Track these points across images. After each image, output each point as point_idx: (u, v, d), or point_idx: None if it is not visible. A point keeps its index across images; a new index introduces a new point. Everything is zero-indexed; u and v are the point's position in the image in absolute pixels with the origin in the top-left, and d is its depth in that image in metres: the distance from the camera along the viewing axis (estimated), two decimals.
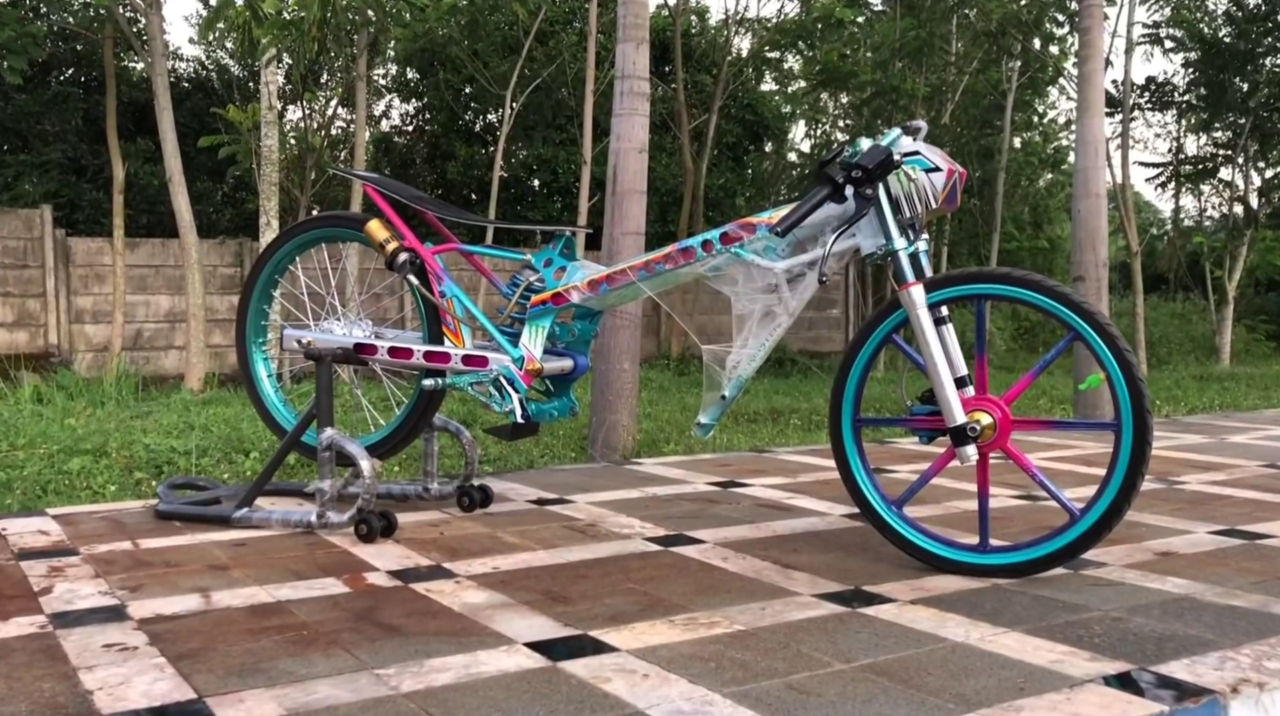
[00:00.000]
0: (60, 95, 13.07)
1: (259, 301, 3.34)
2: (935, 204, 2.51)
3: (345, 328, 3.13)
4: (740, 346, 2.70)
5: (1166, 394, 9.16)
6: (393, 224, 3.05)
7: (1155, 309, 16.43)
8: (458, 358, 2.93)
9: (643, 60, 5.78)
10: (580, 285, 2.86)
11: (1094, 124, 6.93)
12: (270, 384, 3.35)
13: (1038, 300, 2.47)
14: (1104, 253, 6.97)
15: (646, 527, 3.01)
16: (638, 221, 5.81)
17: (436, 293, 3.00)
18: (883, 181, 2.50)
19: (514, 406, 2.83)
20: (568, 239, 2.99)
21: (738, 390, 2.72)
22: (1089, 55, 6.86)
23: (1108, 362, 2.41)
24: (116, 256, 11.68)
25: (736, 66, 14.15)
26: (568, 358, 2.98)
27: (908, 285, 2.52)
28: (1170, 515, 3.24)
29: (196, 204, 12.46)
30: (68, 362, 11.94)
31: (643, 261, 2.82)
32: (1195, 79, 12.41)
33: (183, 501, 3.18)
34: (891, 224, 2.52)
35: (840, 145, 2.59)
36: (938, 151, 2.56)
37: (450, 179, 15.68)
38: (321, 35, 9.36)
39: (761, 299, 2.68)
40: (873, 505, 2.65)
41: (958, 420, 2.47)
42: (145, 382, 11.27)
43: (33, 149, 13.00)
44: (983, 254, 14.63)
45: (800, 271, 2.64)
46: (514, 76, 12.08)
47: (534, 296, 2.92)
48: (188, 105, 13.89)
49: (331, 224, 3.21)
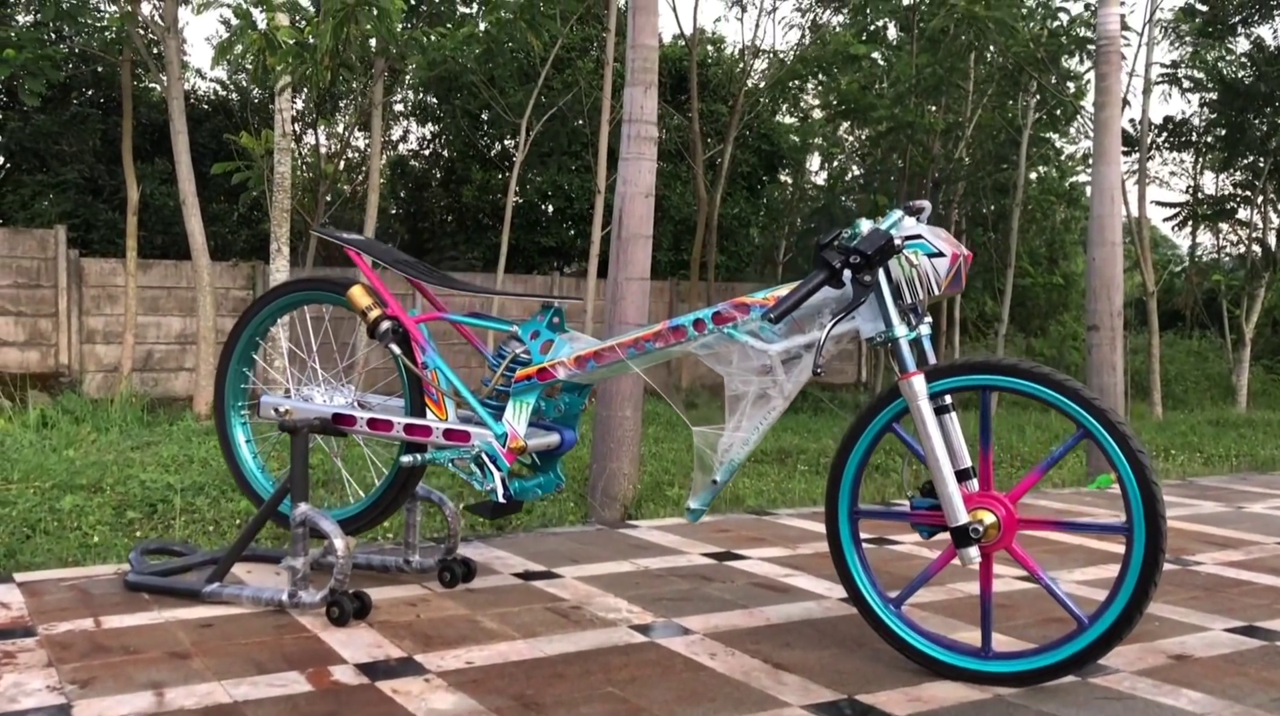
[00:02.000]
0: (79, 116, 13.11)
1: (238, 363, 3.24)
2: (938, 290, 2.39)
3: (326, 394, 3.02)
4: (733, 429, 2.58)
5: (1182, 440, 8.97)
6: (376, 290, 2.95)
7: (1171, 346, 16.22)
8: (439, 431, 2.82)
9: (651, 105, 5.70)
10: (567, 361, 2.76)
11: (1110, 171, 6.80)
12: (249, 450, 3.25)
13: (1046, 395, 2.35)
14: (1119, 301, 6.82)
15: (634, 612, 2.89)
16: (643, 266, 5.71)
17: (419, 363, 2.89)
18: (883, 266, 2.39)
19: (495, 485, 2.72)
20: (556, 310, 2.88)
21: (729, 475, 2.60)
22: (1106, 102, 6.73)
23: (1119, 463, 2.28)
24: (129, 277, 11.67)
25: (753, 98, 14.09)
26: (554, 432, 2.87)
27: (909, 375, 2.40)
28: (1185, 605, 3.09)
29: (211, 225, 12.46)
30: (77, 383, 11.92)
31: (632, 339, 2.71)
32: (1214, 120, 12.26)
33: (154, 569, 3.08)
34: (892, 310, 2.41)
35: (838, 229, 2.47)
36: (941, 234, 2.45)
37: (465, 203, 15.65)
38: (335, 64, 9.33)
39: (756, 381, 2.56)
40: (870, 603, 2.52)
41: (960, 520, 2.34)
42: (153, 405, 11.23)
43: (50, 169, 13.04)
44: (997, 287, 14.48)
45: (797, 353, 2.52)
46: (530, 104, 12.04)
47: (519, 370, 2.81)
48: (207, 126, 13.92)
49: (314, 287, 3.11)
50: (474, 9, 13.42)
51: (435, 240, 16.06)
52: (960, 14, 9.62)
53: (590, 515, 5.36)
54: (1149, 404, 11.86)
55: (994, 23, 9.73)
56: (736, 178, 15.66)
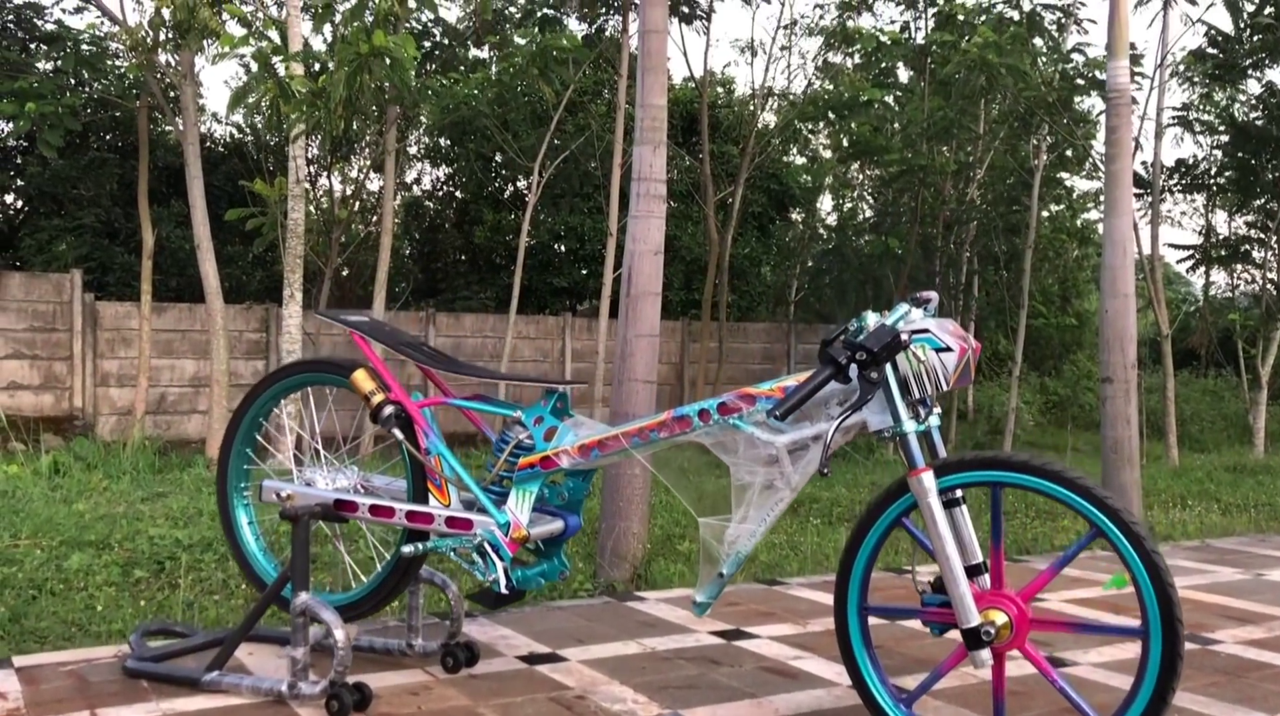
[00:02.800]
0: (96, 161, 13.25)
1: (241, 444, 3.23)
2: (946, 386, 2.36)
3: (329, 476, 3.00)
4: (739, 520, 2.54)
5: (1199, 488, 8.87)
6: (380, 374, 2.94)
7: (1187, 385, 16.10)
8: (441, 519, 2.80)
9: (660, 164, 5.71)
10: (571, 450, 2.73)
11: (1122, 223, 6.77)
12: (251, 531, 3.23)
13: (1059, 493, 2.30)
14: (1133, 353, 6.77)
15: (640, 702, 2.84)
16: (652, 323, 5.70)
17: (423, 449, 2.87)
18: (890, 361, 2.36)
19: (498, 575, 2.69)
20: (560, 395, 2.86)
21: (736, 567, 2.56)
22: (1117, 154, 6.71)
23: (1133, 565, 2.23)
24: (143, 321, 11.74)
25: (764, 140, 14.13)
26: (558, 519, 2.84)
27: (918, 471, 2.37)
28: (1205, 693, 3.02)
29: (226, 266, 12.53)
30: (91, 426, 11.96)
31: (636, 428, 2.69)
32: (1226, 163, 12.23)
33: (154, 654, 3.05)
34: (900, 405, 2.38)
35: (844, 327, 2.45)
36: (949, 327, 2.42)
37: (478, 244, 15.72)
38: (349, 113, 9.40)
39: (762, 471, 2.53)
40: (880, 704, 2.47)
41: (971, 621, 2.30)
42: (166, 448, 11.26)
43: (68, 213, 13.17)
44: (1010, 327, 14.42)
45: (804, 444, 2.49)
46: (543, 148, 12.12)
47: (523, 458, 2.79)
48: (222, 169, 14.04)
49: (318, 369, 3.10)
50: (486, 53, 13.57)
51: (448, 280, 16.12)
52: (973, 60, 9.63)
53: (599, 574, 5.31)
54: (1165, 446, 11.74)
55: (1006, 68, 9.74)
56: (747, 217, 15.69)
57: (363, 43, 8.77)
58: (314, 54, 10.79)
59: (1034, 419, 14.69)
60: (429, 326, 13.60)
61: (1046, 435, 14.94)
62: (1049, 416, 15.63)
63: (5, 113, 10.91)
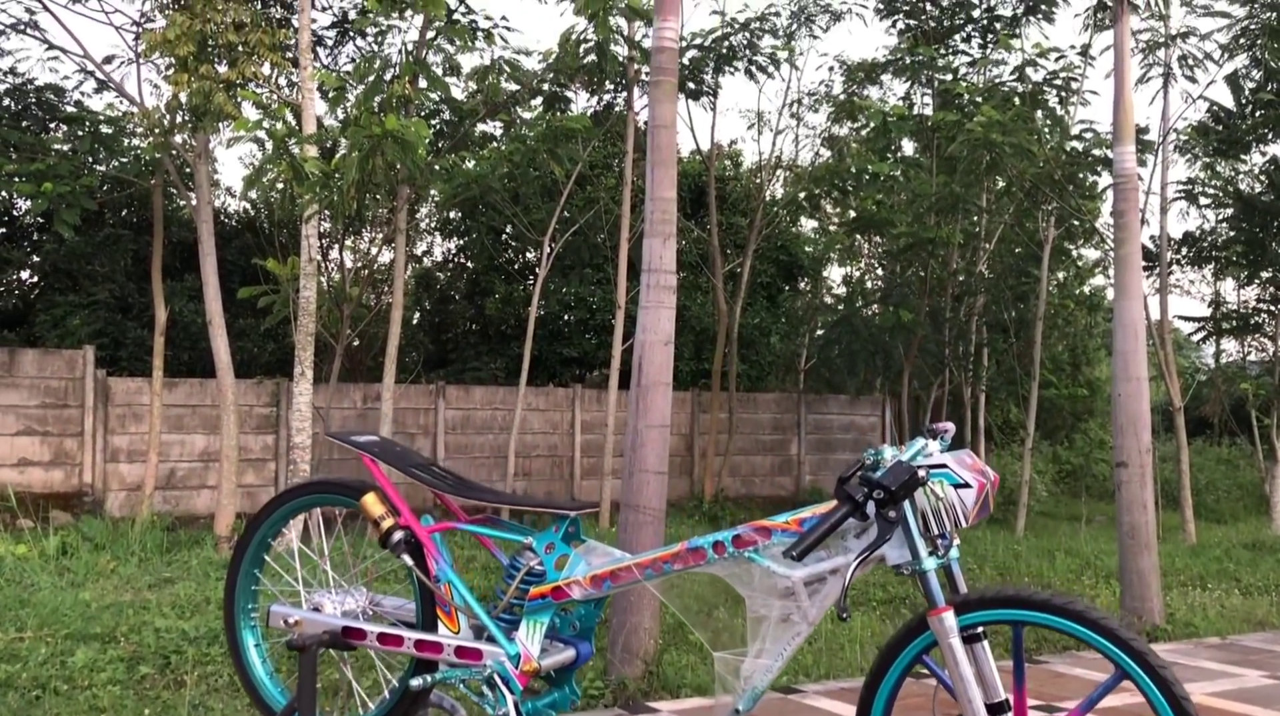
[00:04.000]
0: (112, 237, 13.41)
1: (249, 566, 3.20)
2: (965, 522, 2.34)
3: (338, 598, 2.97)
4: (755, 654, 2.50)
5: (1218, 567, 8.76)
6: (390, 497, 2.92)
7: (1201, 454, 15.99)
8: (451, 648, 2.76)
9: (669, 255, 5.74)
10: (583, 580, 2.70)
11: (1133, 306, 6.77)
12: (258, 654, 3.19)
13: (1082, 634, 2.26)
14: (1147, 438, 6.73)
15: None
16: (662, 413, 5.69)
17: (432, 576, 2.84)
18: (908, 498, 2.34)
19: (509, 710, 2.64)
20: (572, 520, 2.84)
21: (753, 703, 2.52)
22: (1125, 238, 6.74)
23: (1160, 709, 2.18)
24: (154, 397, 11.78)
25: (771, 212, 14.26)
26: (570, 647, 2.80)
27: (939, 611, 2.33)
28: None
29: (239, 340, 12.60)
30: (100, 502, 11.94)
31: (649, 560, 2.66)
32: (1232, 236, 12.28)
33: None
34: (919, 542, 2.35)
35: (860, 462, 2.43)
36: (966, 460, 2.40)
37: (488, 314, 15.81)
38: (361, 194, 9.53)
39: (778, 604, 2.49)
40: None
41: None
42: (175, 524, 11.23)
43: (82, 289, 13.30)
44: (1021, 395, 14.39)
45: (821, 577, 2.46)
46: (553, 221, 12.23)
47: (533, 588, 2.76)
48: (235, 244, 14.19)
49: (327, 490, 3.09)
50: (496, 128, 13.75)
51: (459, 351, 16.17)
52: (977, 139, 9.72)
53: (609, 671, 5.24)
54: (1181, 519, 11.63)
55: (1010, 147, 9.83)
56: (756, 287, 15.77)
57: (375, 126, 8.91)
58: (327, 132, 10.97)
59: (1047, 489, 14.58)
60: (439, 399, 13.61)
61: (1060, 505, 14.82)
62: (1062, 486, 15.52)
63: (23, 192, 11.08)
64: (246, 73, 9.97)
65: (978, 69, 12.45)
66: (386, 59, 10.01)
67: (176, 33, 9.59)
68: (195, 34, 9.54)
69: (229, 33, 9.73)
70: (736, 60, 13.30)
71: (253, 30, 9.92)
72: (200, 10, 9.58)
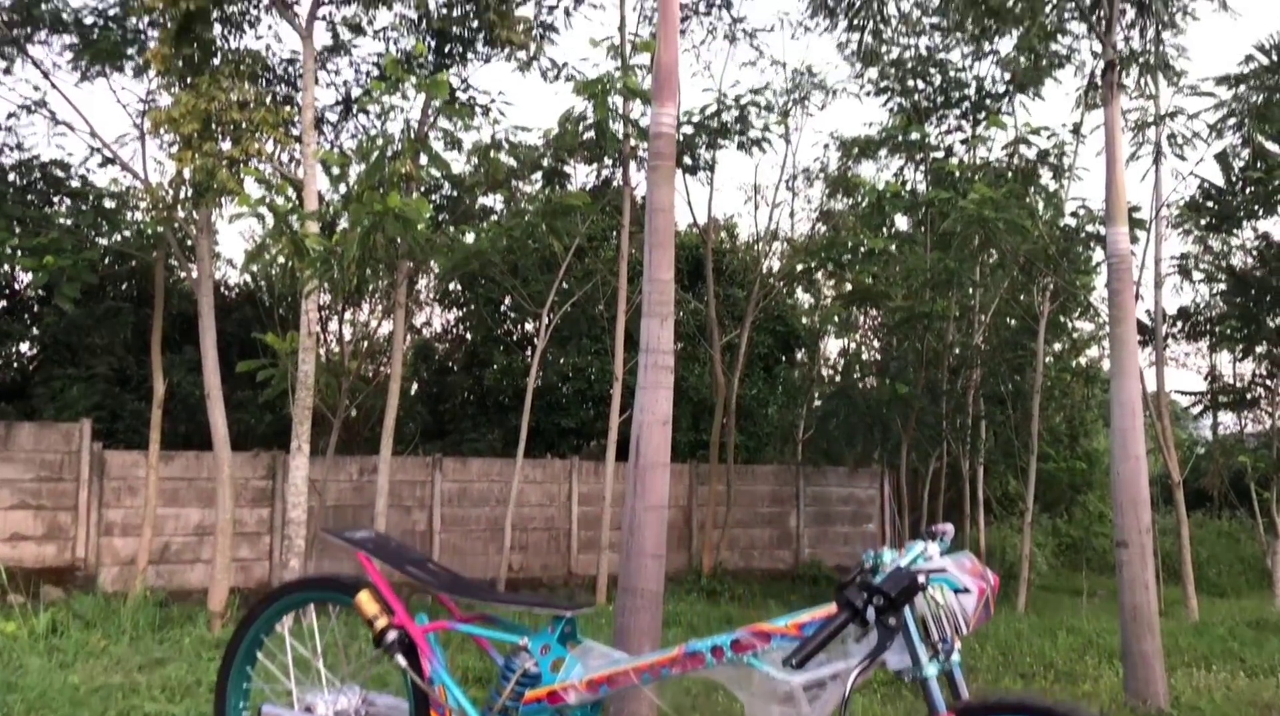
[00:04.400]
0: (112, 310, 13.48)
1: (241, 663, 3.17)
2: (966, 629, 2.33)
3: (330, 698, 2.93)
4: None
5: (1222, 646, 8.66)
6: (384, 596, 2.90)
7: (1201, 527, 15.91)
8: None
9: (667, 336, 5.78)
10: (579, 685, 2.68)
11: (1129, 385, 6.80)
12: None
13: None
14: (1147, 517, 6.71)
15: None
16: (660, 495, 5.68)
17: (426, 677, 2.82)
18: (908, 604, 2.33)
19: None
20: (569, 620, 2.82)
21: None
22: (1120, 317, 6.79)
23: None
24: (150, 470, 11.74)
25: (768, 285, 14.37)
26: None
27: None
28: None
29: (236, 411, 12.58)
30: (93, 577, 11.82)
31: (647, 664, 2.64)
32: (1226, 312, 12.39)
33: None
34: (920, 649, 2.34)
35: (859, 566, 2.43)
36: (967, 563, 2.40)
37: (487, 386, 15.83)
38: (361, 271, 9.60)
39: (778, 709, 2.47)
40: None
41: None
42: (168, 600, 11.10)
43: (81, 361, 13.33)
44: (1020, 467, 14.35)
45: (820, 682, 2.44)
46: (551, 293, 12.32)
47: (528, 691, 2.73)
48: (235, 316, 14.25)
49: (321, 588, 3.07)
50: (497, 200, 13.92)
51: (456, 422, 16.16)
52: (970, 216, 9.85)
53: None
54: (1183, 595, 11.53)
55: (1004, 223, 9.95)
56: (753, 358, 15.82)
57: (377, 203, 9.01)
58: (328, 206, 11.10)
59: (1048, 562, 14.48)
60: (436, 471, 13.57)
61: (1061, 579, 14.71)
62: (1062, 559, 15.41)
63: (25, 265, 11.16)
64: (250, 149, 10.12)
65: (970, 147, 12.66)
66: (389, 137, 10.16)
67: (182, 111, 9.75)
68: (200, 112, 9.70)
69: (233, 110, 9.90)
70: (730, 136, 13.52)
71: (257, 108, 10.10)
72: (205, 89, 9.75)
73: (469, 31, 11.56)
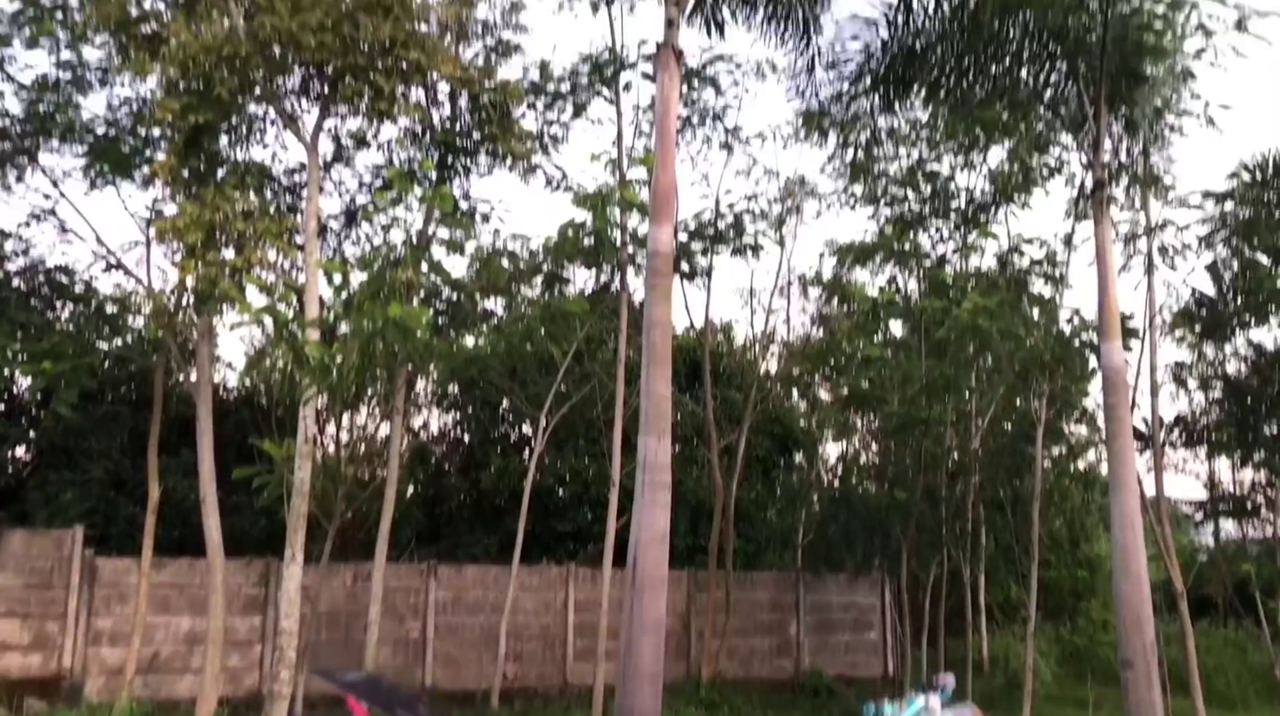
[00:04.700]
0: (109, 414, 13.47)
1: None
2: None
3: None
4: None
5: None
6: None
7: (1207, 635, 15.64)
8: None
9: (664, 453, 5.80)
10: None
11: (1128, 500, 6.79)
12: None
13: None
14: (1150, 635, 6.64)
15: None
16: (658, 614, 5.63)
17: None
18: None
19: None
20: None
21: None
22: (1117, 432, 6.82)
23: None
24: (142, 577, 11.61)
25: (765, 389, 14.43)
26: None
27: None
28: None
29: (231, 516, 12.46)
30: (79, 687, 11.57)
31: None
32: (1223, 420, 12.43)
33: None
34: None
35: None
36: (967, 713, 2.37)
37: (483, 489, 15.73)
38: (360, 379, 9.64)
39: None
40: None
41: None
42: (155, 710, 10.85)
43: (76, 465, 13.26)
44: (1021, 573, 14.19)
45: None
46: (549, 396, 12.34)
47: None
48: (232, 420, 14.22)
49: None
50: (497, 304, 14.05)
51: (452, 526, 16.02)
52: (964, 325, 9.95)
53: None
54: (1191, 707, 11.29)
55: (999, 332, 10.05)
56: (752, 461, 15.76)
57: (379, 313, 9.10)
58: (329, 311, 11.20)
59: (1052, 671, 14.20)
60: (430, 578, 13.40)
61: (1066, 688, 14.40)
62: (1066, 667, 15.11)
63: (25, 370, 11.22)
64: (252, 258, 10.27)
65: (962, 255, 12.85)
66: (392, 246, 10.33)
67: (186, 221, 9.92)
68: (204, 222, 9.87)
69: (237, 221, 10.07)
70: (726, 243, 13.75)
71: (260, 218, 10.27)
72: (210, 200, 9.94)
73: (471, 143, 11.85)
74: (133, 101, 11.44)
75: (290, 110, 11.06)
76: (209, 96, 9.85)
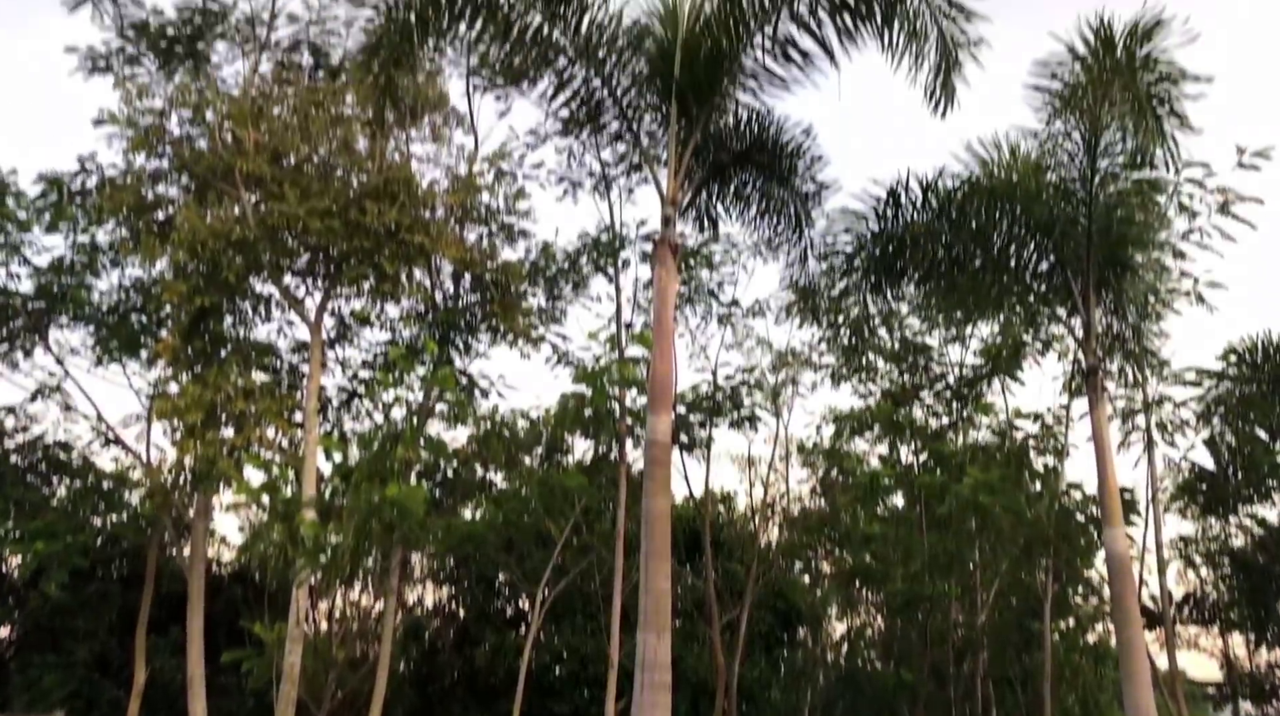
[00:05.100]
0: (99, 592, 13.22)
1: None
2: None
3: None
4: None
5: None
6: None
7: None
8: None
9: (665, 651, 5.67)
10: None
11: (1142, 695, 6.60)
12: None
13: None
14: None
15: None
16: None
17: None
18: None
19: None
20: None
21: None
22: (1126, 622, 6.69)
23: None
24: None
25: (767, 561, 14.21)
26: None
27: None
28: None
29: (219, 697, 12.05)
30: None
31: None
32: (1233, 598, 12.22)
33: None
34: None
35: None
36: None
37: (477, 666, 15.26)
38: (355, 560, 9.52)
39: None
40: None
41: None
42: None
43: (61, 647, 12.92)
44: None
45: None
46: (547, 570, 12.13)
47: None
48: (224, 597, 13.95)
49: None
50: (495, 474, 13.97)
51: (445, 705, 15.48)
52: (965, 500, 9.90)
53: None
54: None
55: (1001, 507, 9.99)
56: (755, 636, 15.34)
57: (376, 493, 9.06)
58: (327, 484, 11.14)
59: None
60: None
61: None
62: None
63: (16, 550, 11.08)
64: (252, 437, 10.30)
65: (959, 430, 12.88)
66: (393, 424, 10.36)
67: (187, 401, 10.00)
68: (205, 402, 9.95)
69: (238, 400, 10.15)
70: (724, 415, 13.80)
71: (261, 397, 10.36)
72: (213, 380, 10.04)
73: (474, 321, 12.05)
74: (142, 283, 11.71)
75: (295, 291, 11.31)
76: (215, 278, 10.09)
